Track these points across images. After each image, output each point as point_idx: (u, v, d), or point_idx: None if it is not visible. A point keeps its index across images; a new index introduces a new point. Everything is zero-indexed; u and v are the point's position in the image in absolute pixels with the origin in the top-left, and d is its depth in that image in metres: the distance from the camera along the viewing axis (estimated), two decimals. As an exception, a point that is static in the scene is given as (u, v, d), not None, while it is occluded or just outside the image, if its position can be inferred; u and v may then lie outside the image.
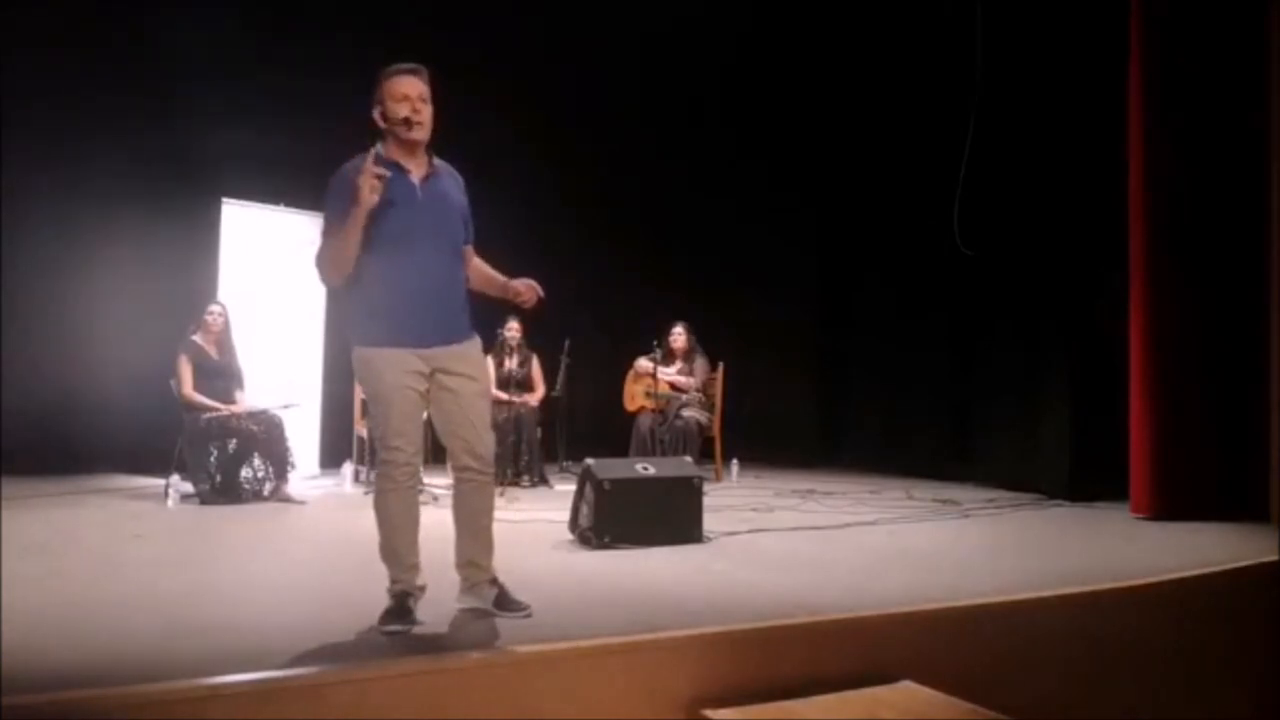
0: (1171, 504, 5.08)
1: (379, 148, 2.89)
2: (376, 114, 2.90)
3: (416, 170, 2.91)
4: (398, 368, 2.82)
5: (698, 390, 7.19)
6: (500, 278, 3.12)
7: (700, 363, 7.30)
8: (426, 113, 2.88)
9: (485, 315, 3.06)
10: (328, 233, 2.87)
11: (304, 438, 6.65)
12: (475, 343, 3.01)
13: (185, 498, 5.46)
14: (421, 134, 2.87)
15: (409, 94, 2.84)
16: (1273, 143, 5.01)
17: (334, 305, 6.91)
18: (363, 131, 3.03)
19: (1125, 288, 5.31)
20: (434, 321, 2.87)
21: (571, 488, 4.47)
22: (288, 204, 7.04)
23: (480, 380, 2.98)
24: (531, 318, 7.00)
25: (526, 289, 3.08)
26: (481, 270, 3.13)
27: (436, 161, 2.98)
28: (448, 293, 2.92)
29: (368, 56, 3.02)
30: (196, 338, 5.89)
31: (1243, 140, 5.15)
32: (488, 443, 2.95)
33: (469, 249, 3.08)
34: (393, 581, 2.84)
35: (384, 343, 2.84)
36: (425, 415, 2.96)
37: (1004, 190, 6.31)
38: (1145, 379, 5.19)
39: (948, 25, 6.38)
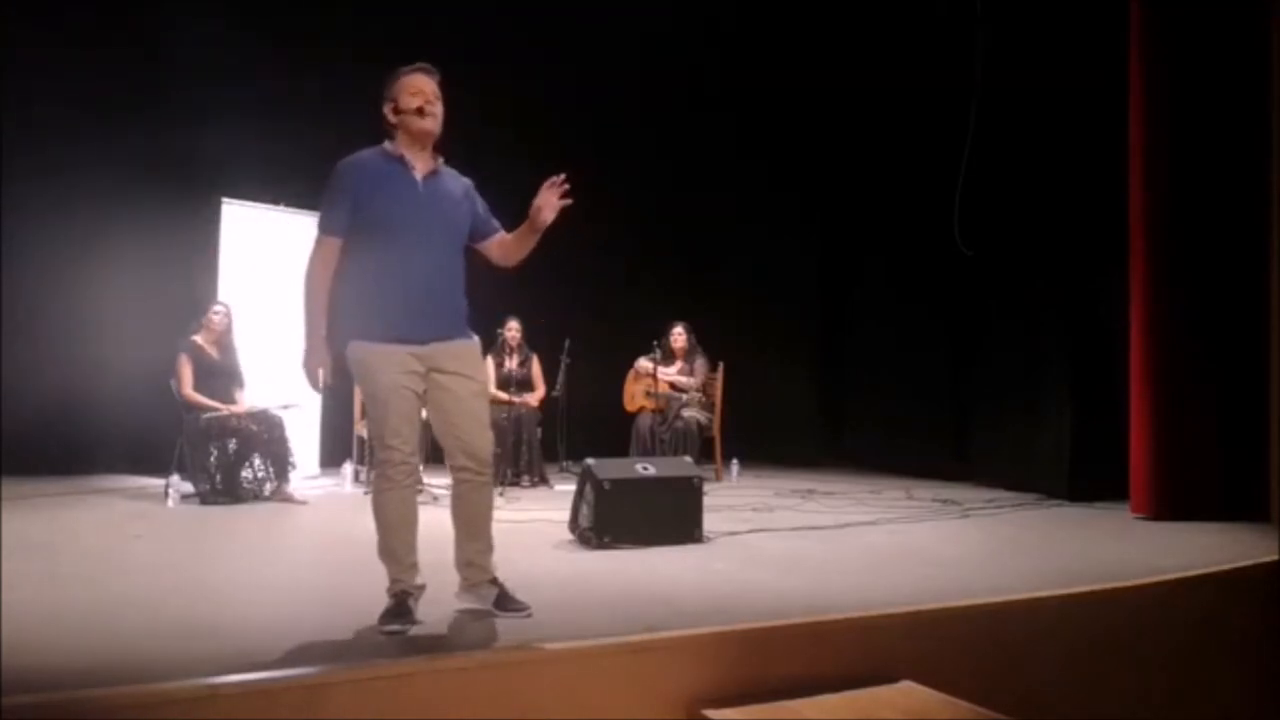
0: (1171, 504, 5.08)
1: (388, 144, 2.93)
2: (388, 109, 2.93)
3: (421, 167, 2.93)
4: (394, 367, 2.82)
5: (698, 390, 7.19)
6: (524, 225, 3.03)
7: (700, 363, 7.31)
8: (438, 108, 2.92)
9: (485, 315, 3.06)
10: (323, 228, 2.90)
11: (304, 438, 6.64)
12: (473, 343, 3.01)
13: (185, 498, 5.46)
14: (433, 125, 2.91)
15: (423, 89, 2.91)
16: (1275, 141, 5.00)
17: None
18: (363, 132, 3.05)
19: (1125, 287, 5.31)
20: (426, 315, 2.86)
21: (571, 488, 4.47)
22: (288, 204, 7.03)
23: (477, 379, 2.97)
24: (531, 318, 7.09)
25: (547, 204, 2.94)
26: (512, 240, 3.09)
27: (441, 162, 2.99)
28: (442, 289, 2.91)
29: (367, 57, 3.03)
30: (197, 338, 5.89)
31: (1244, 139, 5.14)
32: (485, 443, 2.94)
33: (497, 237, 3.10)
34: (392, 581, 2.84)
35: (374, 336, 2.84)
36: (424, 414, 2.96)
37: (1004, 190, 6.31)
38: (1145, 379, 5.19)
39: (948, 25, 6.38)
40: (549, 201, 2.94)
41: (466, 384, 2.91)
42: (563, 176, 2.94)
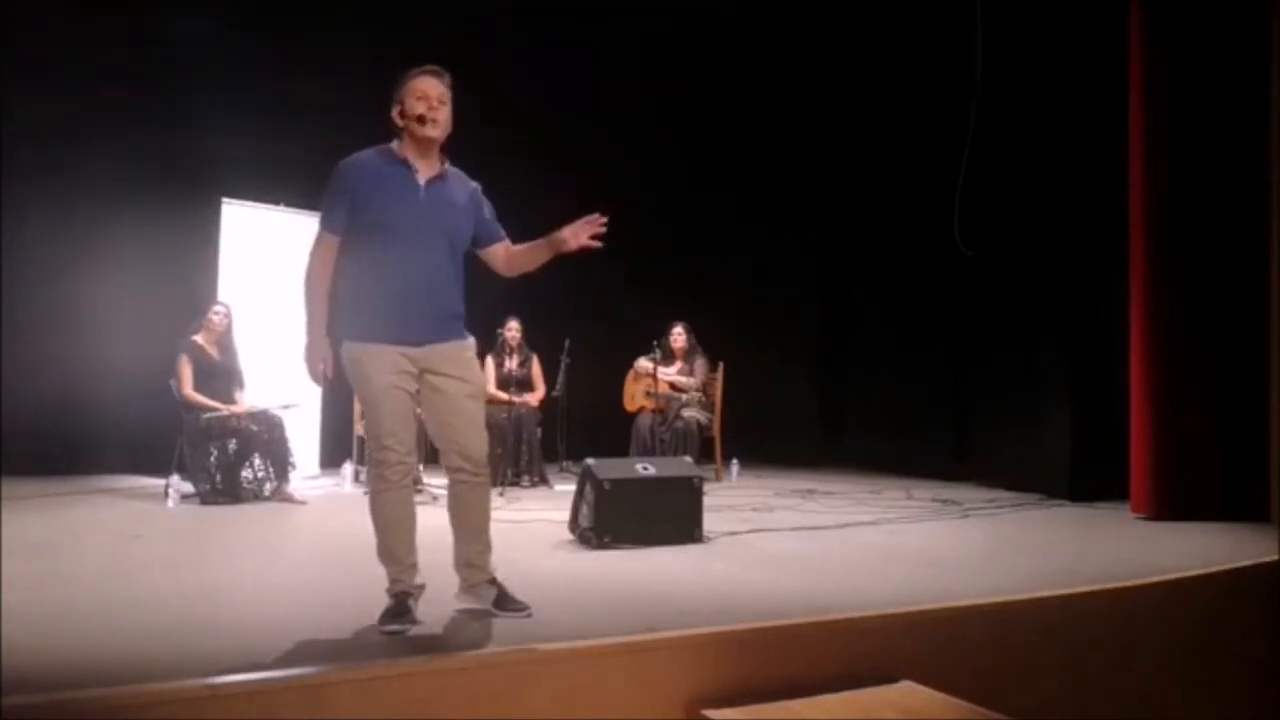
0: (1172, 504, 5.08)
1: (394, 145, 2.94)
2: (395, 112, 2.93)
3: (425, 171, 2.92)
4: (387, 368, 2.83)
5: (698, 390, 7.19)
6: (542, 240, 3.00)
7: (700, 363, 7.31)
8: (443, 113, 2.90)
9: (485, 315, 3.05)
10: (322, 225, 2.91)
11: (304, 438, 6.64)
12: (467, 345, 2.99)
13: (185, 498, 5.46)
14: (435, 131, 2.89)
15: (428, 93, 2.88)
16: (1274, 141, 5.00)
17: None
18: (363, 132, 3.05)
19: (1125, 287, 5.31)
20: (422, 317, 2.86)
21: (571, 488, 4.47)
22: (288, 204, 7.04)
23: (471, 382, 2.97)
24: (531, 318, 7.09)
25: (575, 235, 2.92)
26: (522, 252, 3.07)
27: (448, 166, 2.99)
28: (438, 292, 2.91)
29: (368, 58, 3.03)
30: (197, 338, 5.89)
31: (1244, 139, 5.14)
32: (479, 443, 2.94)
33: (501, 244, 3.08)
34: (392, 581, 2.84)
35: (368, 337, 2.84)
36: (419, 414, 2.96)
37: (1004, 190, 6.31)
38: (1146, 378, 5.19)
39: (948, 25, 6.38)
40: (579, 237, 2.92)
41: (460, 386, 2.91)
42: (604, 219, 2.91)
